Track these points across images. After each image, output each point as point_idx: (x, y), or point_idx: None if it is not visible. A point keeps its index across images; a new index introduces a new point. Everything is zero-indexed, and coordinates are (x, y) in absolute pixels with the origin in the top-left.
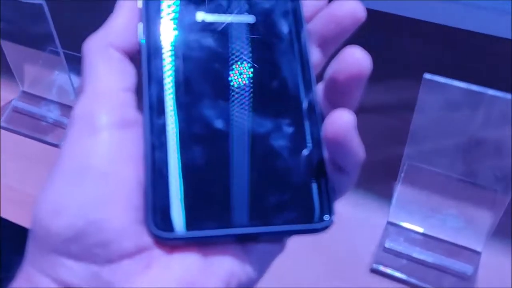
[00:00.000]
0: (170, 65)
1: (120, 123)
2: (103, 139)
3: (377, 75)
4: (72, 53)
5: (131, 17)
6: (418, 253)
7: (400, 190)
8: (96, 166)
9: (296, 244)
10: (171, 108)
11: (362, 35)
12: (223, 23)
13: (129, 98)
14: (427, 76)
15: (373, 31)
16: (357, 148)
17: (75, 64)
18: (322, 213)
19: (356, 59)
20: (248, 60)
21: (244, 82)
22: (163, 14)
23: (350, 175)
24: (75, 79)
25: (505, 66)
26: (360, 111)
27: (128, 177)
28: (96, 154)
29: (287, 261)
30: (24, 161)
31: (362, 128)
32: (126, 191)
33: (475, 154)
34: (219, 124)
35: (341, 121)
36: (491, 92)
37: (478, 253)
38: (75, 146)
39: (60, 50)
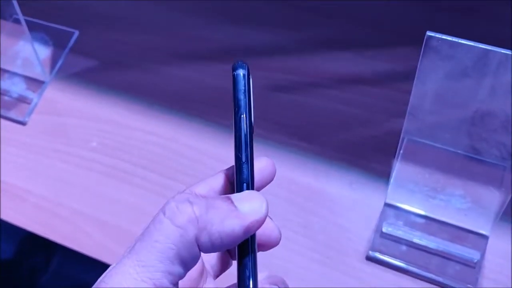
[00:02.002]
0: None
1: None
2: None
3: (373, 42)
4: (35, 20)
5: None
6: (418, 238)
7: (398, 168)
8: None
9: (285, 229)
10: None
11: (358, 6)
12: None
13: None
14: (430, 33)
15: (370, 1)
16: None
17: (40, 32)
18: None
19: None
20: None
21: None
22: None
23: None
24: (40, 49)
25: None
26: (354, 82)
27: None
28: None
29: (276, 247)
30: None
31: (355, 100)
32: None
33: (481, 127)
34: None
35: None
36: (499, 50)
37: (485, 237)
38: None
39: (21, 17)
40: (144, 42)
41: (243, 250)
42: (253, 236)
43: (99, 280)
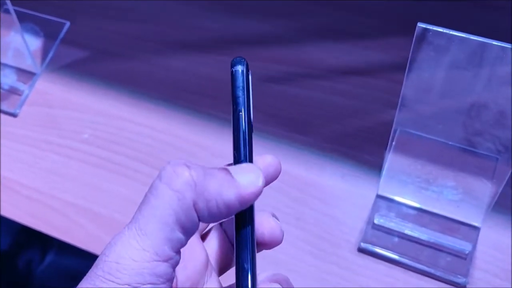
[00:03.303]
0: None
1: None
2: None
3: (367, 31)
4: (25, 10)
5: None
6: (410, 230)
7: (391, 159)
8: None
9: None
10: None
11: None
12: None
13: None
14: (422, 25)
15: None
16: None
17: (30, 23)
18: None
19: None
20: None
21: None
22: None
23: None
24: (31, 40)
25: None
26: (345, 72)
27: None
28: None
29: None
30: None
31: (348, 90)
32: None
33: (474, 118)
34: None
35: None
36: (494, 42)
37: (477, 229)
38: None
39: (11, 7)
40: (136, 31)
41: (241, 223)
42: (250, 211)
43: (101, 252)
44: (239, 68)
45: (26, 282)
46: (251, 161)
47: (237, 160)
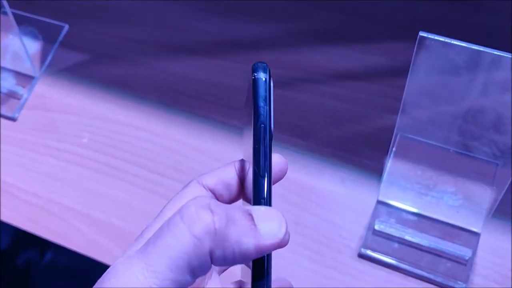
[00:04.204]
0: None
1: None
2: None
3: (365, 36)
4: (24, 13)
5: None
6: (411, 236)
7: (391, 165)
8: None
9: None
10: None
11: None
12: None
13: None
14: (423, 34)
15: None
16: None
17: (29, 26)
18: None
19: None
20: None
21: None
22: None
23: None
24: (29, 43)
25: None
26: (344, 76)
27: None
28: None
29: None
30: None
31: (347, 95)
32: None
33: (474, 124)
34: None
35: None
36: (492, 51)
37: (476, 235)
38: None
39: (9, 10)
40: (135, 35)
41: (258, 271)
42: (269, 257)
43: (104, 275)
44: (262, 76)
45: (25, 282)
46: (269, 175)
47: (256, 174)
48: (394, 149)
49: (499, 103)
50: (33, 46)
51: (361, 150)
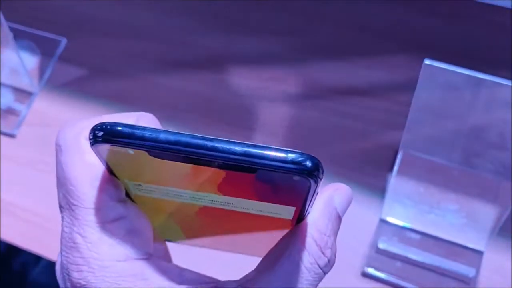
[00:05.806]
0: None
1: None
2: None
3: (370, 53)
4: (21, 27)
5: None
6: (414, 254)
7: (394, 182)
8: None
9: None
10: None
11: (355, 10)
12: None
13: None
14: (427, 61)
15: (368, 5)
16: None
17: (26, 40)
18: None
19: None
20: None
21: None
22: None
23: None
24: (27, 58)
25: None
26: (347, 92)
27: None
28: None
29: None
30: None
31: (349, 111)
32: None
33: (477, 142)
34: None
35: None
36: (493, 79)
37: (480, 253)
38: None
39: (4, 23)
40: (134, 49)
41: None
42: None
43: None
44: (313, 185)
45: (21, 285)
46: None
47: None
48: (397, 166)
49: (501, 121)
50: (31, 61)
51: (362, 167)
